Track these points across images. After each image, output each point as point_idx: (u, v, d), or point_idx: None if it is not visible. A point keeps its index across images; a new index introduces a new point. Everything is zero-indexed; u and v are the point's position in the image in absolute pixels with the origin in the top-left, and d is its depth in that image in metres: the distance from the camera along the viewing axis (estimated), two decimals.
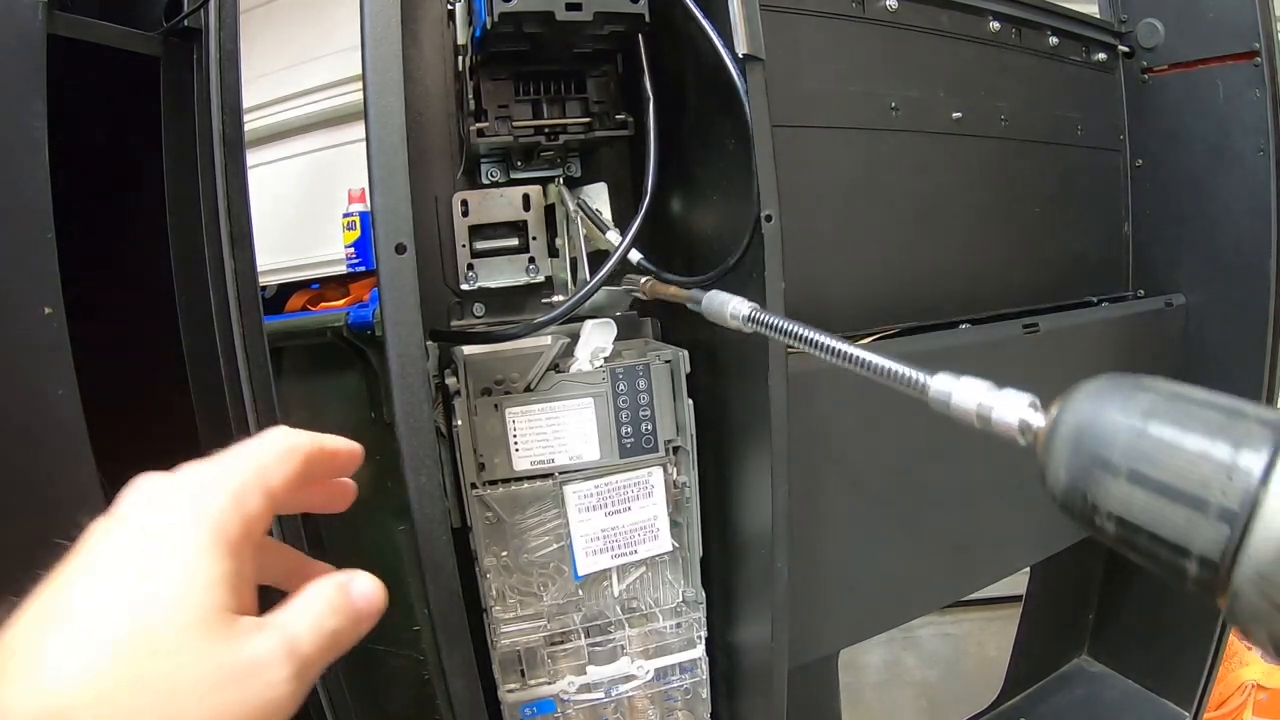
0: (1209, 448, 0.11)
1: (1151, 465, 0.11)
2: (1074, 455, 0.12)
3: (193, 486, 0.17)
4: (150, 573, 0.15)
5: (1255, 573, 0.10)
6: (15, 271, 0.27)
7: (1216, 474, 0.11)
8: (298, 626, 0.16)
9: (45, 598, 0.15)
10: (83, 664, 0.14)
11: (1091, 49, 0.62)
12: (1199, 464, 0.11)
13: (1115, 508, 0.12)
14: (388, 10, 0.22)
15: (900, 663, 1.19)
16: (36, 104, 0.27)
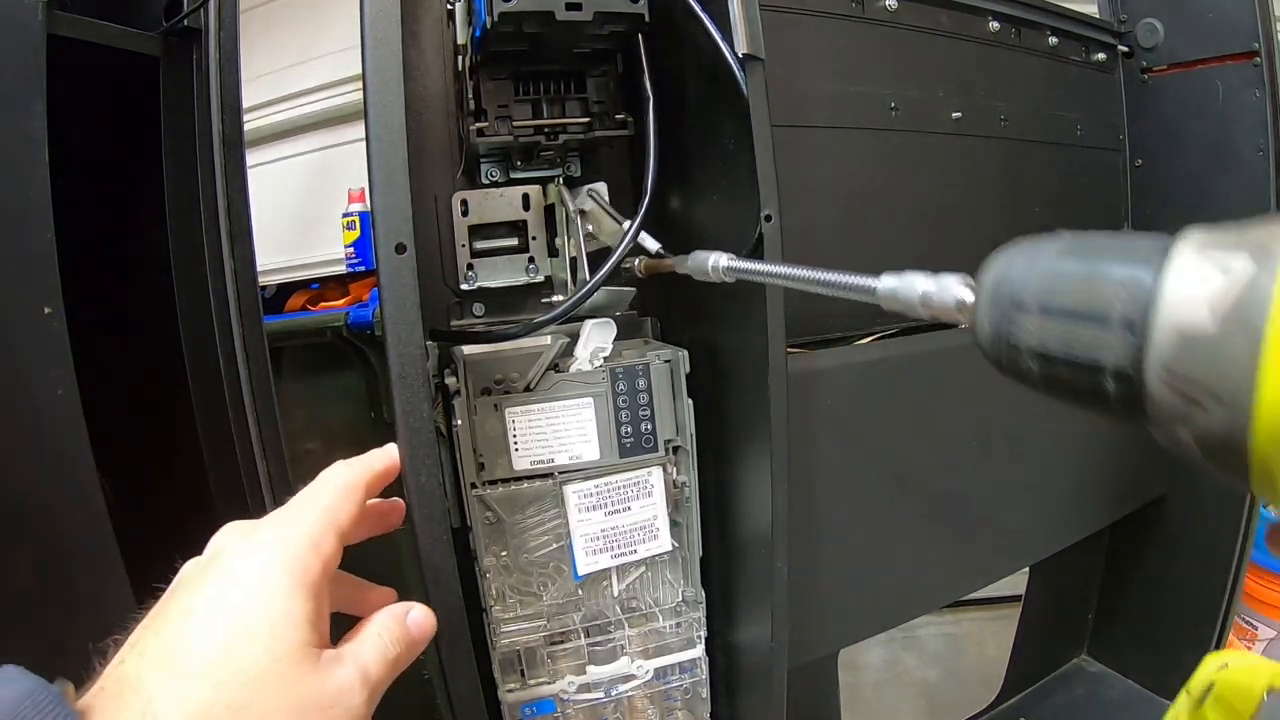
0: (1107, 270, 0.12)
1: (1058, 295, 0.12)
2: (994, 306, 0.13)
3: (278, 535, 0.19)
4: (245, 617, 0.17)
5: (1162, 368, 0.11)
6: (15, 271, 0.27)
7: (1115, 290, 0.11)
8: (368, 657, 0.19)
9: (152, 639, 0.17)
10: (194, 702, 0.15)
11: (1091, 49, 0.62)
12: (1099, 286, 0.12)
13: (1033, 343, 0.13)
14: (388, 10, 0.22)
15: (900, 662, 1.19)
16: (36, 104, 0.27)
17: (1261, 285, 0.10)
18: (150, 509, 0.39)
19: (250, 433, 0.38)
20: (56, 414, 0.27)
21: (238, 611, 0.17)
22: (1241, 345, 0.10)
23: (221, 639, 0.17)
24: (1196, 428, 0.11)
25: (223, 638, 0.17)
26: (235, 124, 0.37)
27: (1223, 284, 0.10)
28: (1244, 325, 0.10)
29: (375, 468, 0.22)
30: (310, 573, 0.19)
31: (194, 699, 0.16)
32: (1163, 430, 0.11)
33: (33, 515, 0.27)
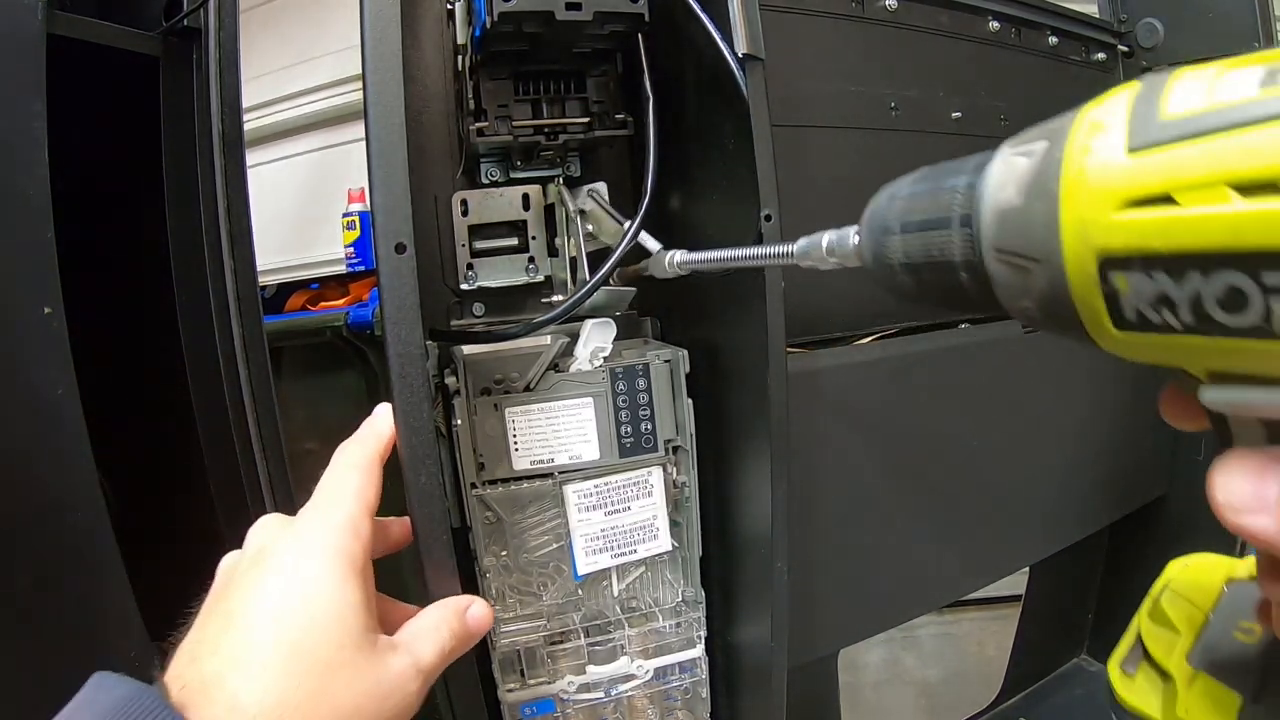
0: (945, 183, 0.14)
1: (913, 213, 0.14)
2: (870, 236, 0.16)
3: (322, 524, 0.20)
4: (308, 608, 0.18)
5: (993, 249, 0.13)
6: (15, 271, 0.27)
7: (951, 196, 0.13)
8: (423, 647, 0.20)
9: (221, 636, 0.17)
10: (274, 696, 0.16)
11: (1091, 49, 0.62)
12: (941, 197, 0.14)
13: (900, 257, 0.15)
14: (387, 9, 0.22)
15: (900, 662, 1.19)
16: (36, 104, 0.27)
17: (1054, 156, 0.11)
18: (150, 509, 0.39)
19: (250, 433, 0.38)
20: (56, 414, 0.27)
21: (300, 603, 0.18)
22: (1043, 209, 0.11)
23: (289, 632, 0.17)
24: (1031, 292, 0.12)
25: (290, 630, 0.17)
26: (235, 124, 0.37)
27: (1026, 165, 0.12)
28: (1043, 192, 0.11)
29: (384, 435, 0.22)
30: (357, 559, 0.19)
31: (274, 692, 0.16)
32: (1012, 306, 0.13)
33: (33, 516, 0.27)
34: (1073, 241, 0.11)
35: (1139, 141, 0.10)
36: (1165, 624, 0.19)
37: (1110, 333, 0.11)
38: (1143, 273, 0.10)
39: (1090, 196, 0.11)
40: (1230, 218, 0.09)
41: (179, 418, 0.38)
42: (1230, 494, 0.12)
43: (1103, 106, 0.11)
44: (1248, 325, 0.10)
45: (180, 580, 0.36)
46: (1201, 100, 0.10)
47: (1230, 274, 0.10)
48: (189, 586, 0.34)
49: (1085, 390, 0.56)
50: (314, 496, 0.21)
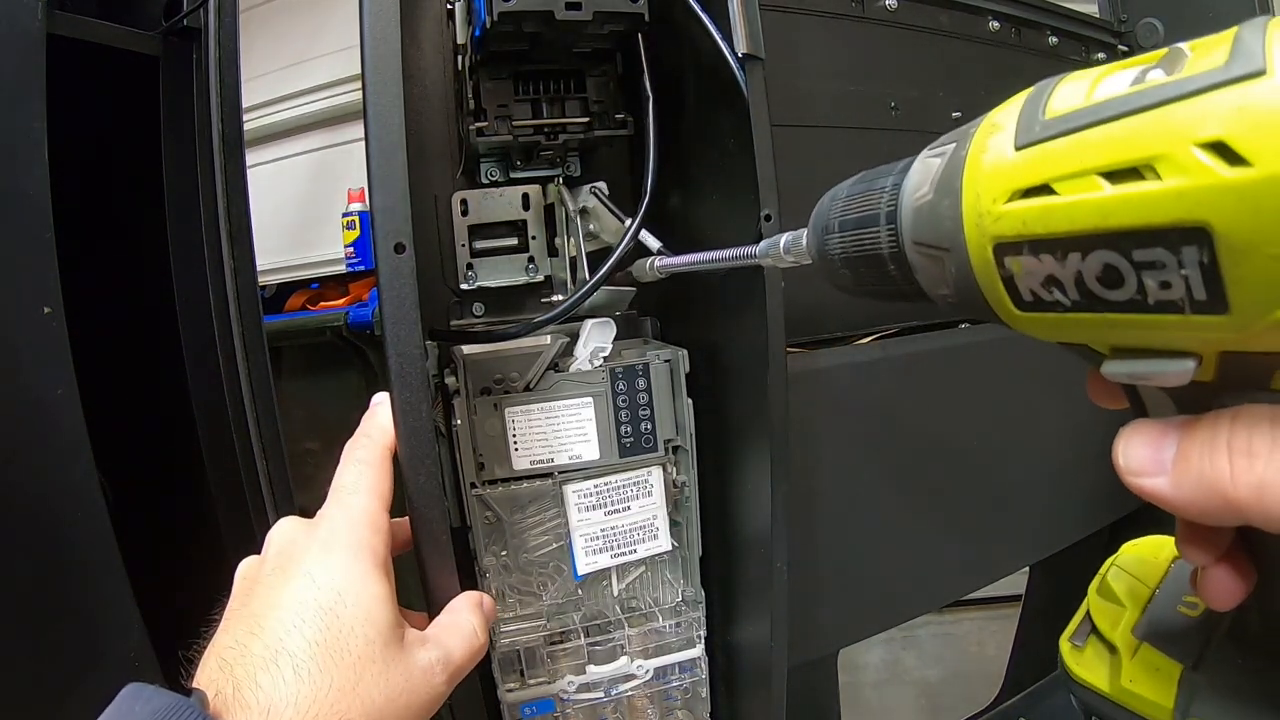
0: (875, 185, 0.15)
1: (848, 213, 0.16)
2: (814, 234, 0.17)
3: (343, 524, 0.20)
4: (335, 607, 0.18)
5: (912, 242, 0.14)
6: (15, 271, 0.27)
7: (879, 195, 0.15)
8: (452, 642, 0.20)
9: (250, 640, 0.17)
10: (308, 697, 0.16)
11: (1091, 48, 0.62)
12: (870, 197, 0.15)
13: (839, 252, 0.16)
14: (387, 9, 0.22)
15: (900, 662, 1.19)
16: (36, 104, 0.27)
17: (959, 155, 0.13)
18: (150, 509, 0.39)
19: (250, 432, 0.38)
20: (56, 414, 0.27)
21: (328, 602, 0.18)
22: (949, 203, 0.13)
23: (319, 632, 0.17)
24: (946, 280, 0.13)
25: (319, 630, 0.17)
26: (235, 124, 0.37)
27: (937, 164, 0.13)
28: (949, 188, 0.13)
29: (388, 427, 0.22)
30: (379, 554, 0.20)
31: (308, 693, 0.16)
32: (934, 294, 0.14)
33: (33, 515, 0.27)
34: (972, 230, 0.12)
35: (1024, 139, 0.11)
36: (1112, 599, 0.20)
37: (1014, 313, 0.12)
38: (1031, 255, 0.11)
39: (984, 189, 0.12)
40: (1099, 201, 0.10)
41: (179, 418, 0.38)
42: (1129, 458, 0.12)
43: (1003, 109, 0.12)
44: (1125, 299, 0.11)
45: (180, 580, 0.36)
46: (1079, 99, 0.11)
47: (1105, 253, 0.10)
48: (189, 586, 0.34)
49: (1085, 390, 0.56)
50: (331, 494, 0.21)
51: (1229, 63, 0.09)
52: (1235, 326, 0.10)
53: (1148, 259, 0.10)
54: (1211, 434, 0.11)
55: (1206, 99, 0.09)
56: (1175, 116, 0.09)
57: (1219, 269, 0.09)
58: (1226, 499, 0.11)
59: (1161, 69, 0.10)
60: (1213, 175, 0.09)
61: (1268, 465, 0.11)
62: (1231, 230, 0.09)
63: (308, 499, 0.30)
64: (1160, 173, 0.09)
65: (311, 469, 0.71)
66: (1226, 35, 0.10)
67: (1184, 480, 0.12)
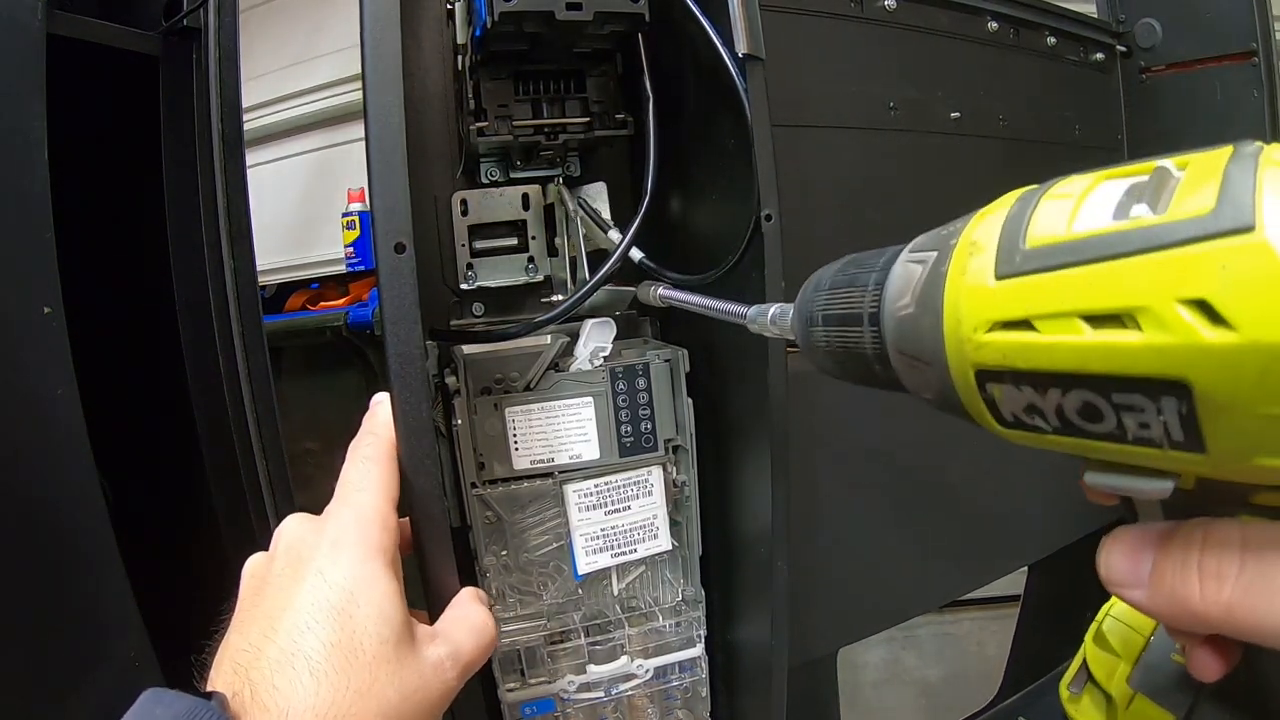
0: (859, 282, 0.15)
1: (832, 308, 0.16)
2: (799, 322, 0.17)
3: (351, 521, 0.20)
4: (345, 605, 0.18)
5: (895, 349, 0.14)
6: (15, 271, 0.27)
7: (863, 295, 0.15)
8: (460, 636, 0.20)
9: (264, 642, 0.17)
10: (326, 697, 0.16)
11: (1089, 49, 0.62)
12: (854, 294, 0.15)
13: (823, 343, 0.16)
14: (387, 9, 0.22)
15: (900, 662, 1.19)
16: (36, 104, 0.27)
17: (939, 271, 0.13)
18: (150, 509, 0.39)
19: (250, 432, 0.38)
20: (56, 414, 0.27)
21: (340, 602, 0.18)
22: (930, 321, 0.13)
23: (332, 632, 0.17)
24: (929, 388, 0.13)
25: (333, 630, 0.17)
26: (235, 124, 0.38)
27: (919, 273, 0.13)
28: (930, 305, 0.13)
29: (390, 422, 0.22)
30: (388, 551, 0.20)
31: (326, 694, 0.16)
32: (918, 395, 0.14)
33: (33, 515, 0.27)
34: (954, 353, 0.12)
35: (1004, 269, 0.11)
36: (1107, 648, 0.20)
37: (996, 429, 0.13)
38: (1012, 385, 0.11)
39: (965, 315, 0.12)
40: (1080, 345, 0.10)
41: (179, 418, 0.38)
42: (1109, 569, 0.13)
43: (982, 225, 0.12)
44: (1104, 432, 0.11)
45: (180, 580, 0.36)
46: (1061, 228, 0.11)
47: (1084, 393, 0.10)
48: (189, 586, 0.34)
49: None
50: (338, 492, 0.21)
51: (1216, 210, 0.09)
52: (1213, 466, 0.10)
53: (1127, 403, 0.10)
54: (1184, 554, 0.12)
55: (1191, 252, 0.09)
56: (1158, 268, 0.09)
57: (1197, 420, 0.09)
58: (1197, 616, 0.12)
59: (1146, 204, 0.10)
60: (1195, 334, 0.09)
61: (1234, 588, 0.11)
62: (1211, 388, 0.09)
63: (308, 499, 0.30)
64: (1141, 325, 0.09)
65: (311, 469, 0.71)
66: (1217, 165, 0.10)
67: (1158, 596, 0.12)
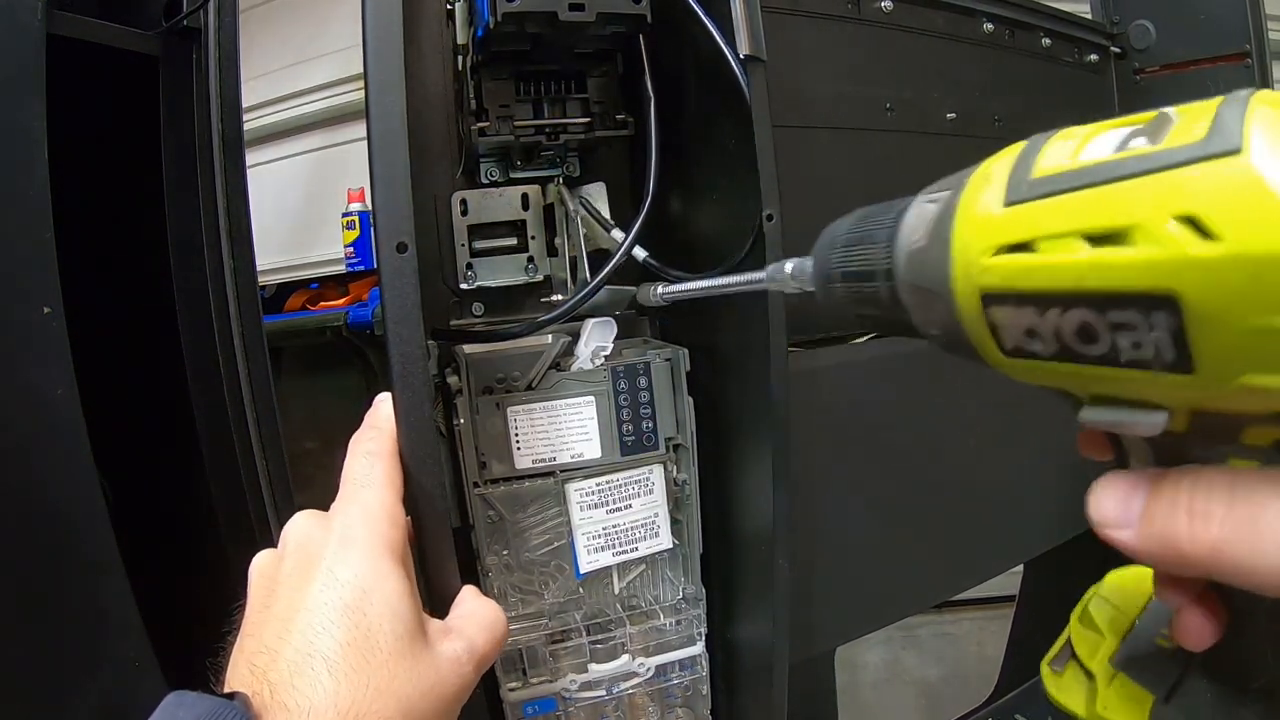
0: (873, 225, 0.16)
1: (848, 251, 0.16)
2: (816, 274, 0.18)
3: (359, 518, 0.20)
4: (359, 603, 0.18)
5: (906, 284, 0.14)
6: (15, 271, 0.27)
7: (879, 230, 0.15)
8: (472, 629, 0.20)
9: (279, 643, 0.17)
10: (346, 698, 0.16)
11: (1084, 50, 0.62)
12: (869, 236, 0.16)
13: (842, 290, 0.17)
14: (389, 9, 0.22)
15: (899, 662, 1.19)
16: (36, 103, 0.27)
17: (951, 204, 0.13)
18: (150, 509, 0.39)
19: (250, 432, 0.38)
20: (56, 414, 0.27)
21: (354, 600, 0.18)
22: (940, 250, 0.13)
23: (348, 631, 0.17)
24: (936, 321, 0.14)
25: (349, 630, 0.17)
26: (235, 124, 0.38)
27: (931, 210, 0.14)
28: (940, 235, 0.13)
29: (393, 418, 0.22)
30: (398, 547, 0.19)
31: (345, 693, 0.16)
32: (926, 333, 0.15)
33: (33, 515, 0.27)
34: (961, 279, 0.13)
35: (1013, 196, 0.12)
36: (1092, 627, 0.21)
37: (998, 358, 0.13)
38: (1014, 307, 0.12)
39: (972, 241, 0.12)
40: (1078, 263, 0.11)
41: (179, 418, 0.38)
42: (1099, 510, 0.13)
43: (997, 161, 0.13)
44: (1099, 354, 0.11)
45: (180, 580, 0.36)
46: (1066, 160, 0.11)
47: (1081, 311, 0.11)
48: (189, 586, 0.34)
49: None
50: (342, 488, 0.21)
51: (1207, 138, 0.10)
52: (1200, 386, 0.10)
53: (1121, 320, 0.11)
54: (1173, 494, 0.12)
55: (1182, 173, 0.10)
56: (1152, 188, 0.10)
57: (1186, 335, 0.10)
58: (1185, 556, 0.12)
59: (1145, 137, 0.11)
60: (1183, 248, 0.09)
61: (1221, 527, 0.11)
62: (1199, 301, 0.09)
63: (308, 499, 0.30)
64: (1135, 240, 0.10)
65: (311, 469, 0.71)
66: (1211, 105, 0.10)
67: (1148, 536, 0.12)
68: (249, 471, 0.38)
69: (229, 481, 0.38)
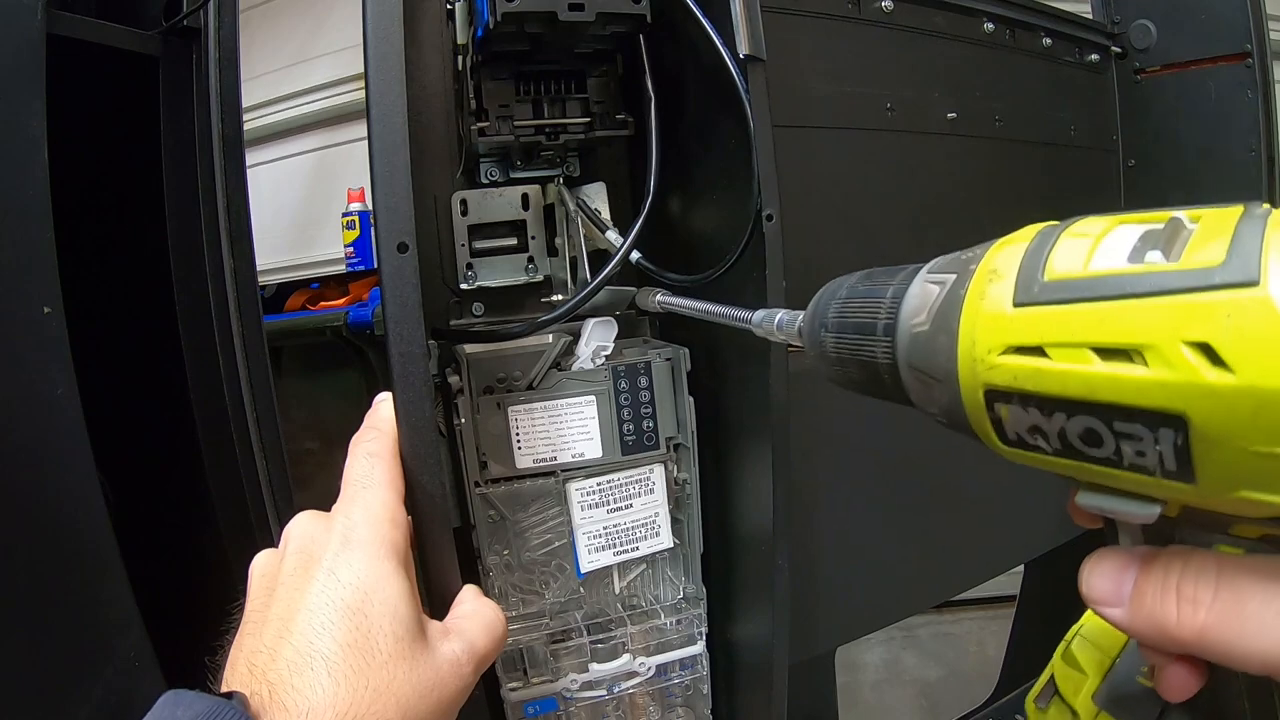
0: (875, 294, 0.16)
1: (846, 316, 0.16)
2: (809, 326, 0.18)
3: (361, 519, 0.20)
4: (360, 605, 0.18)
5: (906, 363, 0.14)
6: (15, 271, 0.27)
7: (880, 306, 0.15)
8: (472, 630, 0.20)
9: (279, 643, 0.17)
10: (345, 699, 0.16)
11: (1084, 50, 0.62)
12: (870, 305, 0.16)
13: (833, 351, 0.17)
14: (390, 8, 0.22)
15: (899, 662, 1.19)
16: (36, 103, 0.27)
17: (957, 294, 0.13)
18: (150, 509, 0.39)
19: (250, 432, 0.38)
20: (56, 414, 0.27)
21: (354, 601, 0.18)
22: (945, 340, 0.13)
23: (348, 632, 0.17)
24: (936, 404, 0.14)
25: (349, 631, 0.17)
26: (235, 124, 0.37)
27: (935, 292, 0.14)
28: (945, 325, 0.13)
29: (393, 418, 0.22)
30: (400, 548, 0.19)
31: (345, 694, 0.16)
32: (923, 409, 0.15)
33: (33, 515, 0.27)
34: (966, 372, 0.13)
35: (1022, 297, 0.12)
36: (1075, 666, 0.21)
37: (999, 447, 0.13)
38: (1019, 406, 0.12)
39: (980, 337, 0.12)
40: (1089, 375, 0.11)
41: (179, 418, 0.38)
42: (1091, 588, 0.14)
43: (1002, 253, 0.13)
44: (1102, 457, 0.11)
45: (180, 580, 0.36)
46: (1078, 265, 0.12)
47: (1088, 419, 0.11)
48: (189, 586, 0.34)
49: None
50: (344, 488, 0.21)
51: (1225, 264, 0.10)
52: (1200, 495, 0.11)
53: (1127, 431, 0.11)
54: (1164, 579, 0.13)
55: (1199, 300, 0.10)
56: (1168, 311, 0.10)
57: (1190, 452, 0.10)
58: (1172, 638, 0.12)
59: (1160, 251, 0.11)
60: (1196, 374, 0.10)
61: (1209, 613, 0.12)
62: (1207, 424, 0.10)
63: (308, 499, 0.30)
64: (1148, 361, 0.10)
65: (311, 469, 0.71)
66: (1228, 223, 0.10)
67: (1137, 616, 0.13)
68: (249, 471, 0.38)
69: (229, 481, 0.38)
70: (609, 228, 0.35)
